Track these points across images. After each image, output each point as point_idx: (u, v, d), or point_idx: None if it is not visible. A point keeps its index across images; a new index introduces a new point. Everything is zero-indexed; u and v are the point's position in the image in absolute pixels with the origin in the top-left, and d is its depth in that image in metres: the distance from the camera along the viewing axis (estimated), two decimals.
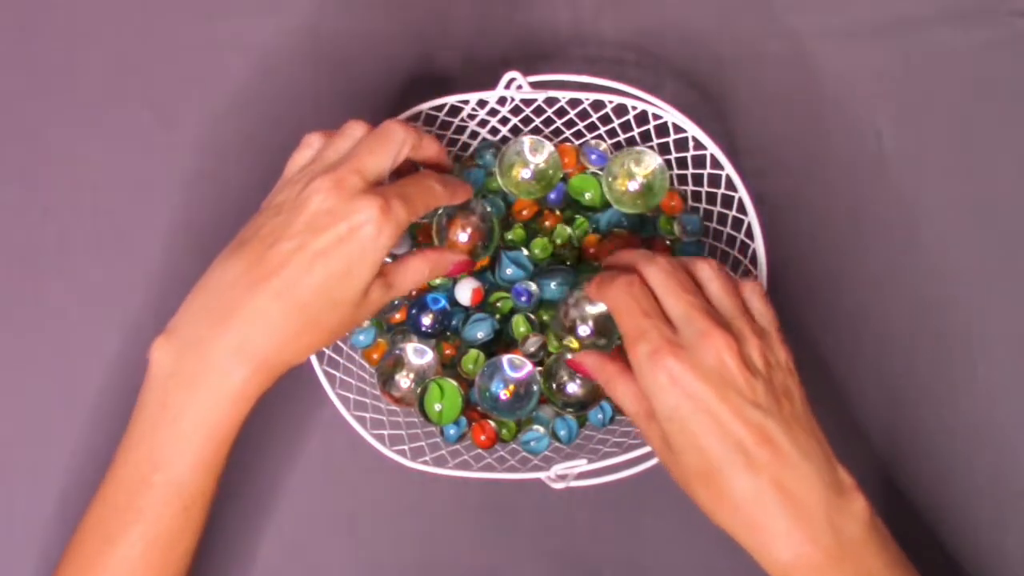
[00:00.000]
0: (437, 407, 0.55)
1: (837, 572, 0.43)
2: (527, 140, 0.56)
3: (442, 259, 0.52)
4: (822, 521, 0.43)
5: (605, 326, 0.51)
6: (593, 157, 0.58)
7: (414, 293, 0.58)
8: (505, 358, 0.54)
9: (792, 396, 0.45)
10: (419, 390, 0.55)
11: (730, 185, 0.54)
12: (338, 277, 0.46)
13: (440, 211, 0.54)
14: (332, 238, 0.45)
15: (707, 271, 0.47)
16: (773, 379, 0.45)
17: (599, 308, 0.51)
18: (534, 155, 0.57)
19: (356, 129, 0.50)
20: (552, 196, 0.59)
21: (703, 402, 0.43)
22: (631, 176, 0.56)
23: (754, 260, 0.53)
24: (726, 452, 0.43)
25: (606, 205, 0.58)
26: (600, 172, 0.58)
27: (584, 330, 0.51)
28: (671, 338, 0.44)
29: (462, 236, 0.53)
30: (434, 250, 0.52)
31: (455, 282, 0.57)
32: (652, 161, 0.56)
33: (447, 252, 0.53)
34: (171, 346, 0.46)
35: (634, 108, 0.55)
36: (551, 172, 0.57)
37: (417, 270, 0.51)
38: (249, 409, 0.46)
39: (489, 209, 0.55)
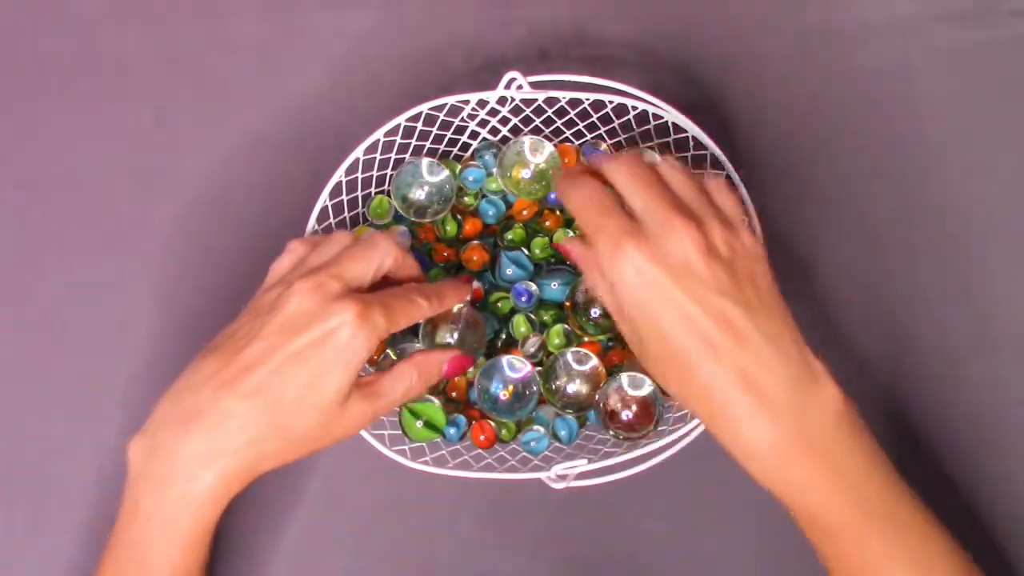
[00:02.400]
0: (419, 424, 0.54)
1: (803, 458, 0.43)
2: (527, 140, 0.56)
3: (431, 360, 0.50)
4: (787, 407, 0.43)
5: None
6: (592, 157, 0.58)
7: None
8: (505, 358, 0.54)
9: (758, 282, 0.45)
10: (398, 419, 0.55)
11: None
12: (310, 381, 0.45)
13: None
14: (306, 341, 0.45)
15: (667, 167, 0.47)
16: (737, 265, 0.44)
17: None
18: (534, 155, 0.57)
19: (341, 237, 0.50)
20: (552, 196, 0.59)
21: (665, 290, 0.43)
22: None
23: None
24: (690, 339, 0.43)
25: None
26: None
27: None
28: (630, 228, 0.44)
29: (449, 341, 0.53)
30: (423, 353, 0.50)
31: None
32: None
33: (436, 352, 0.51)
34: (142, 447, 0.46)
35: (634, 108, 0.55)
36: (551, 172, 0.57)
37: (405, 377, 0.49)
38: (219, 512, 0.46)
39: (485, 317, 0.55)
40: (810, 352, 0.44)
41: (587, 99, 0.56)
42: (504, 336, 0.57)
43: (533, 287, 0.56)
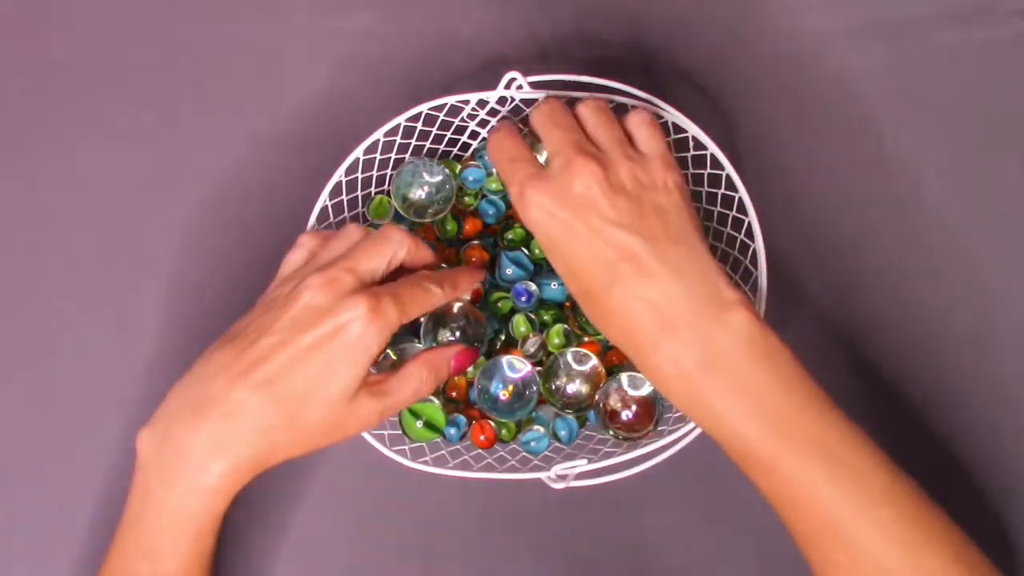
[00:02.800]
0: (419, 424, 0.54)
1: (712, 382, 0.43)
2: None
3: (440, 358, 0.50)
4: (690, 331, 0.43)
5: None
6: None
7: None
8: (505, 358, 0.54)
9: (665, 214, 0.46)
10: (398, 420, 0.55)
11: (730, 185, 0.54)
12: (320, 375, 0.45)
13: (427, 313, 0.53)
14: (317, 335, 0.45)
15: (585, 109, 0.49)
16: (644, 198, 0.46)
17: None
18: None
19: (353, 232, 0.50)
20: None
21: (567, 225, 0.45)
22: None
23: (754, 260, 0.53)
24: (593, 271, 0.45)
25: None
26: None
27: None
28: (534, 172, 0.47)
29: (450, 339, 0.53)
30: (431, 351, 0.51)
31: None
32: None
33: (444, 348, 0.51)
34: (153, 437, 0.46)
35: (634, 108, 0.55)
36: None
37: (415, 376, 0.49)
38: (227, 503, 0.46)
39: (486, 316, 0.54)
40: (724, 280, 0.45)
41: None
42: (504, 336, 0.57)
43: (533, 287, 0.56)
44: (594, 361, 0.54)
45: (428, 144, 0.59)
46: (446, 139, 0.59)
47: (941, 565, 0.42)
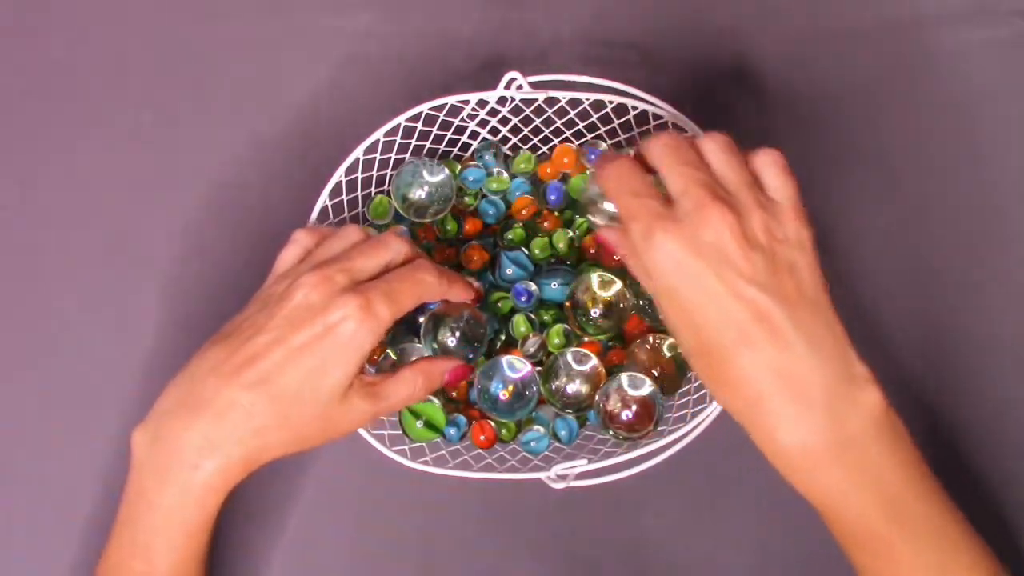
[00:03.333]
0: (419, 424, 0.54)
1: (837, 464, 0.41)
2: (595, 277, 0.55)
3: (435, 368, 0.50)
4: (822, 408, 0.41)
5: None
6: (593, 158, 0.58)
7: None
8: (505, 358, 0.54)
9: (798, 273, 0.42)
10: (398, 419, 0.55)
11: None
12: (312, 373, 0.45)
13: (428, 313, 0.53)
14: (309, 334, 0.45)
15: (710, 144, 0.44)
16: (776, 254, 0.42)
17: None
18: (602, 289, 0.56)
19: (352, 233, 0.50)
20: (552, 197, 0.59)
21: (697, 278, 0.41)
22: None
23: None
24: (722, 330, 0.41)
25: None
26: None
27: (607, 208, 0.48)
28: (662, 213, 0.42)
29: (450, 340, 0.52)
30: (427, 360, 0.51)
31: None
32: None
33: (441, 360, 0.51)
34: (146, 435, 0.46)
35: (634, 108, 0.55)
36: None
37: (409, 382, 0.49)
38: (220, 501, 0.46)
39: (486, 316, 0.54)
40: (854, 354, 0.42)
41: (587, 99, 0.56)
42: (504, 336, 0.57)
43: (533, 287, 0.56)
44: (594, 361, 0.54)
45: (428, 144, 0.59)
46: (446, 139, 0.59)
47: None
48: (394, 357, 0.55)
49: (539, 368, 0.55)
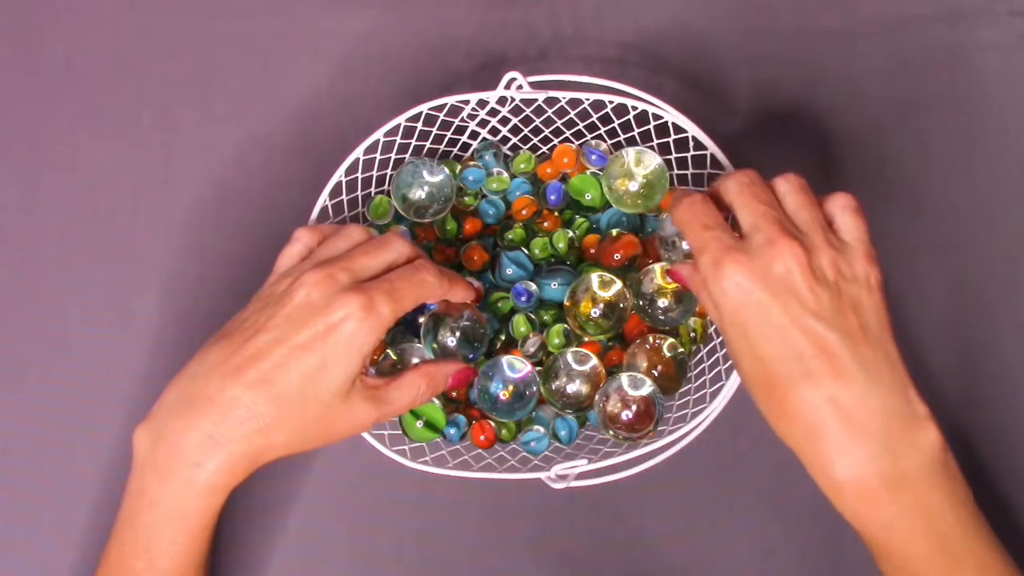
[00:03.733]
0: (419, 424, 0.54)
1: (892, 501, 0.42)
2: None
3: (439, 372, 0.50)
4: (881, 444, 0.41)
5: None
6: (593, 157, 0.58)
7: None
8: (505, 358, 0.54)
9: (863, 311, 0.43)
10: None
11: None
12: (313, 372, 0.45)
13: (428, 313, 0.53)
14: (311, 334, 0.45)
15: (785, 184, 0.46)
16: (843, 290, 0.43)
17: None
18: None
19: (355, 232, 0.50)
20: (552, 197, 0.59)
21: (762, 308, 0.42)
22: (631, 176, 0.55)
23: None
24: (783, 361, 0.42)
25: (606, 205, 0.58)
26: (600, 172, 0.58)
27: (683, 248, 0.51)
28: (732, 245, 0.44)
29: (450, 340, 0.52)
30: (431, 363, 0.51)
31: None
32: (652, 160, 0.55)
33: (444, 364, 0.51)
34: (148, 434, 0.46)
35: (634, 108, 0.55)
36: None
37: (413, 386, 0.49)
38: (222, 500, 0.46)
39: (486, 316, 0.54)
40: (914, 392, 0.43)
41: (587, 99, 0.56)
42: (504, 336, 0.57)
43: (533, 287, 0.56)
44: (594, 361, 0.54)
45: (428, 144, 0.59)
46: (446, 139, 0.59)
47: None
48: (394, 357, 0.55)
49: (539, 368, 0.55)
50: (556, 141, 0.60)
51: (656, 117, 0.55)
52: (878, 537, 0.43)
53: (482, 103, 0.56)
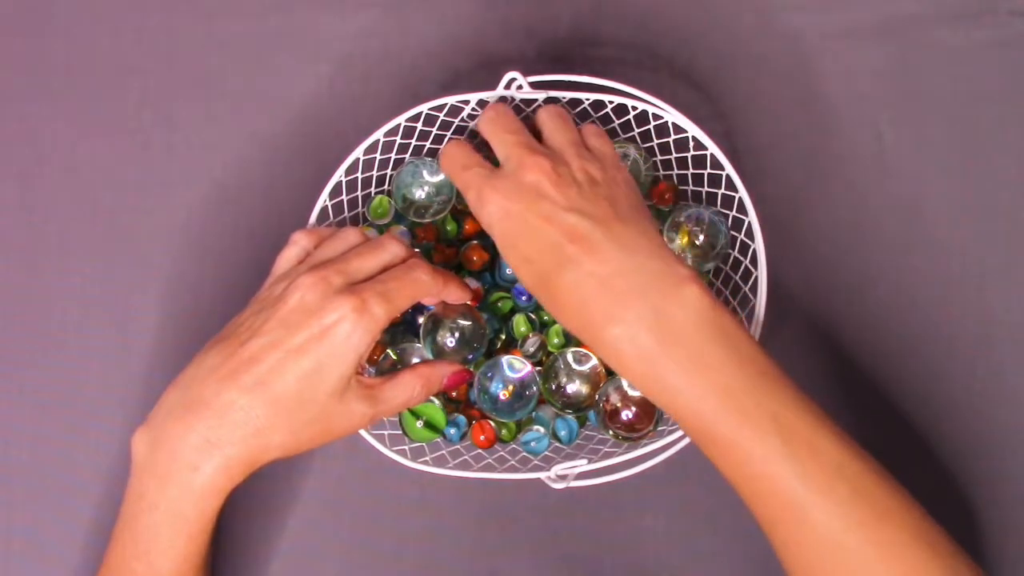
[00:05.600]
0: (419, 424, 0.54)
1: (668, 357, 0.43)
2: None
3: (435, 373, 0.51)
4: (645, 303, 0.43)
5: None
6: None
7: None
8: (505, 358, 0.54)
9: (615, 201, 0.46)
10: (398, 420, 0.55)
11: (730, 185, 0.54)
12: (309, 375, 0.45)
13: (427, 313, 0.53)
14: (305, 336, 0.45)
15: (544, 114, 0.50)
16: (595, 188, 0.46)
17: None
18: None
19: (351, 235, 0.51)
20: None
21: (520, 217, 0.46)
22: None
23: (754, 260, 0.53)
24: (544, 255, 0.45)
25: None
26: None
27: None
28: (487, 175, 0.48)
29: (450, 340, 0.52)
30: (427, 364, 0.51)
31: None
32: (631, 152, 0.56)
33: (440, 365, 0.51)
34: (146, 438, 0.47)
35: (634, 108, 0.55)
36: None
37: (408, 386, 0.50)
38: (220, 503, 0.46)
39: (485, 317, 0.54)
40: (672, 256, 0.45)
41: (587, 99, 0.56)
42: (504, 336, 0.57)
43: None
44: (594, 361, 0.54)
45: (428, 144, 0.59)
46: (446, 139, 0.59)
47: (900, 542, 0.42)
48: (394, 357, 0.55)
49: (539, 368, 0.55)
50: None
51: (656, 117, 0.55)
52: (668, 402, 0.44)
53: (482, 103, 0.56)
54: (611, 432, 0.53)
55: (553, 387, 0.54)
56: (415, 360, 0.55)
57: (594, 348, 0.45)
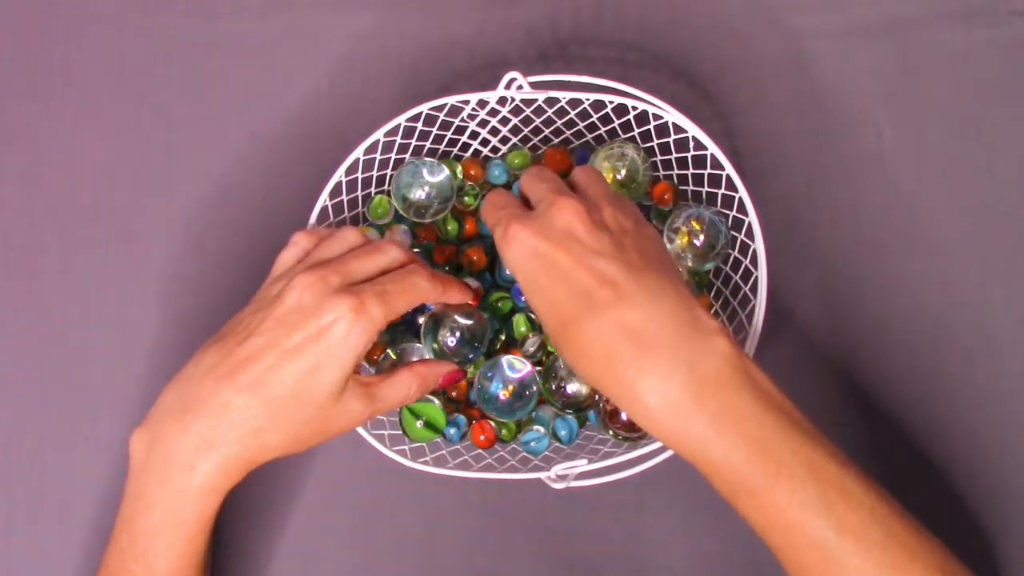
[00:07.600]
0: (419, 424, 0.54)
1: (699, 409, 0.42)
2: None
3: (431, 372, 0.51)
4: (675, 355, 0.42)
5: None
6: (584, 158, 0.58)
7: None
8: (505, 358, 0.54)
9: (645, 250, 0.46)
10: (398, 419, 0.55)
11: (730, 185, 0.54)
12: (306, 375, 0.45)
13: (428, 314, 0.53)
14: (302, 336, 0.45)
15: (578, 172, 0.50)
16: (624, 237, 0.46)
17: None
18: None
19: (350, 236, 0.50)
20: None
21: (548, 258, 0.44)
22: (614, 170, 0.56)
23: (754, 260, 0.53)
24: (571, 299, 0.44)
25: None
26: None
27: None
28: (518, 214, 0.46)
29: (450, 340, 0.52)
30: (423, 362, 0.51)
31: None
32: (630, 152, 0.56)
33: (436, 364, 0.51)
34: (144, 438, 0.47)
35: (634, 108, 0.55)
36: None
37: (404, 384, 0.49)
38: (218, 503, 0.46)
39: (486, 316, 0.54)
40: (700, 308, 0.44)
41: (587, 99, 0.56)
42: (504, 336, 0.57)
43: None
44: None
45: (428, 144, 0.59)
46: (446, 139, 0.59)
47: None
48: (394, 357, 0.55)
49: (539, 368, 0.55)
50: (556, 141, 0.60)
51: (656, 117, 0.55)
52: (699, 454, 0.42)
53: (482, 103, 0.56)
54: (611, 432, 0.53)
55: (553, 387, 0.54)
56: (411, 359, 0.55)
57: (616, 398, 0.43)
